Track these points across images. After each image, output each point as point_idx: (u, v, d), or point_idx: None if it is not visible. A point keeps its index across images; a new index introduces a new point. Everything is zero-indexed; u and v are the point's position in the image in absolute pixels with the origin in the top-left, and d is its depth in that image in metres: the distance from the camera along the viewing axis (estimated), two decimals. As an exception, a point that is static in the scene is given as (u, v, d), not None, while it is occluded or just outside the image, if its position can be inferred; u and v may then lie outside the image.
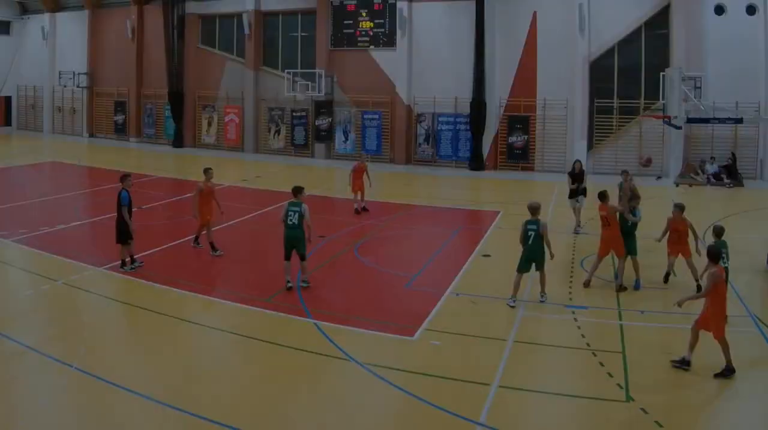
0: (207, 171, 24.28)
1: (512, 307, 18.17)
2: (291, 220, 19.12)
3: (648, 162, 21.02)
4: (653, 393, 13.25)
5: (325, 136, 53.82)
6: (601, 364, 14.44)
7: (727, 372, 13.92)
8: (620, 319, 17.39)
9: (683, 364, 14.40)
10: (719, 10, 43.85)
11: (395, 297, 19.64)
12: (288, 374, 14.29)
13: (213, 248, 23.58)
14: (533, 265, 18.88)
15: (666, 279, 20.41)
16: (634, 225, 20.13)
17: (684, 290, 18.77)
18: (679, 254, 19.91)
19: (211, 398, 12.84)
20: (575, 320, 17.32)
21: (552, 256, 19.07)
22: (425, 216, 32.30)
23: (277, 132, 55.92)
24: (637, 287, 19.83)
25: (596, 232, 22.37)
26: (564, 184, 29.63)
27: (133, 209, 21.40)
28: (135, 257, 21.54)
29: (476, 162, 48.35)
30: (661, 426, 11.84)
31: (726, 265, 16.34)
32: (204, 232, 23.86)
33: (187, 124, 59.30)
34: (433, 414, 12.38)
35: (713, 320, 14.27)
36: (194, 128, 59.60)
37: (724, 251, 16.36)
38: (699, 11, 43.96)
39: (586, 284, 20.23)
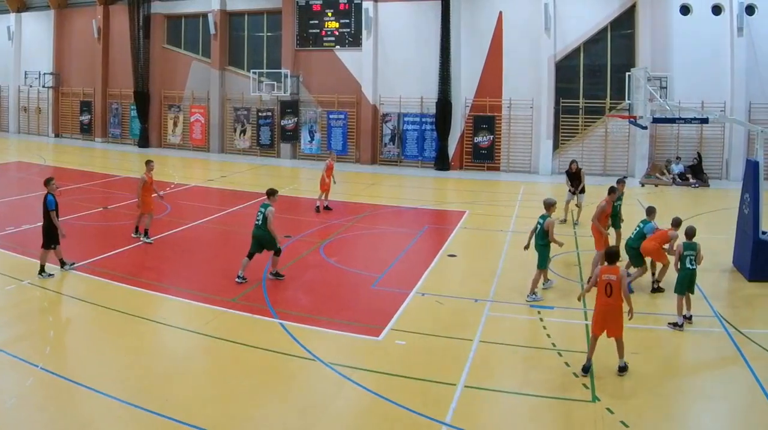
0: (148, 163, 25.27)
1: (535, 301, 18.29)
2: (257, 219, 19.59)
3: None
4: (619, 393, 13.04)
5: (291, 136, 52.36)
6: (567, 364, 14.17)
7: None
8: (586, 319, 16.77)
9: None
10: (685, 10, 42.86)
11: (361, 297, 19.23)
12: (253, 374, 13.88)
13: (146, 234, 24.35)
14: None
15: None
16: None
17: (649, 294, 18.98)
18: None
19: (177, 398, 12.53)
20: (541, 320, 17.00)
21: (560, 244, 19.46)
22: (391, 216, 31.41)
23: (243, 132, 54.18)
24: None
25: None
26: (533, 184, 30.05)
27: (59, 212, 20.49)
28: (65, 260, 20.61)
29: (442, 162, 47.14)
30: (626, 426, 11.66)
31: (693, 267, 16.44)
32: (144, 221, 24.50)
33: (152, 124, 57.60)
34: (398, 414, 12.14)
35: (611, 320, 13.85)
36: (160, 128, 57.84)
37: (693, 254, 16.45)
38: (664, 11, 42.97)
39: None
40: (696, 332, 16.14)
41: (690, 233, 16.89)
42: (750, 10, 41.54)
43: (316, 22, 51.25)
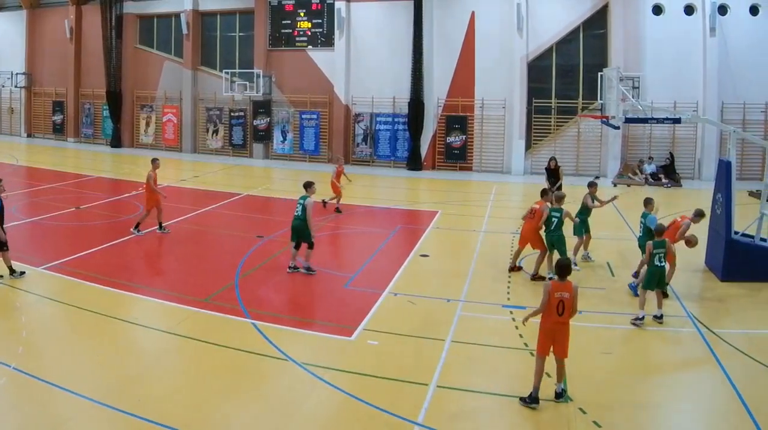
0: (154, 161, 25.34)
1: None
2: (296, 211, 19.86)
3: None
4: (592, 393, 12.72)
5: (263, 136, 50.81)
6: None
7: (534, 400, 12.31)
8: None
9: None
10: (657, 10, 42.00)
11: (333, 297, 18.72)
12: (226, 375, 13.47)
13: (137, 227, 24.70)
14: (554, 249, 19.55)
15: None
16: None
17: (622, 294, 18.72)
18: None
19: (150, 398, 12.17)
20: (513, 319, 16.56)
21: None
22: (363, 216, 30.55)
23: (215, 132, 52.65)
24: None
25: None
26: (505, 184, 29.89)
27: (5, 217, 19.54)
28: (13, 268, 19.28)
29: (414, 162, 45.98)
30: (599, 426, 11.42)
31: (662, 265, 16.36)
32: (157, 214, 24.91)
33: (125, 124, 55.72)
34: (371, 414, 11.87)
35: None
36: (132, 128, 56.05)
37: (662, 251, 16.35)
38: (637, 11, 42.08)
39: (511, 269, 20.64)
40: (668, 331, 16.01)
41: (660, 230, 16.77)
42: (722, 10, 40.72)
43: (289, 22, 49.83)
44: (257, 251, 22.66)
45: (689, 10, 41.59)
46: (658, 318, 16.28)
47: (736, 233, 20.29)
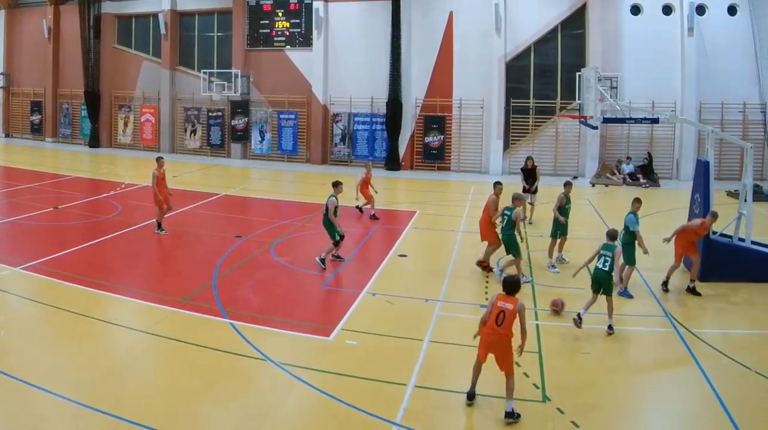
0: (159, 159, 25.44)
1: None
2: (322, 211, 20.47)
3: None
4: (569, 393, 12.56)
5: (242, 136, 49.61)
6: (517, 364, 12.92)
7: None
8: (536, 319, 16.48)
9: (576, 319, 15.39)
10: (635, 10, 41.22)
11: (312, 297, 18.51)
12: (204, 374, 13.25)
13: (159, 226, 24.78)
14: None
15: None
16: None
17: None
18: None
19: (127, 398, 12.01)
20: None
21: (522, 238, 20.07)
22: (342, 216, 28.42)
23: (193, 132, 51.31)
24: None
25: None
26: (483, 184, 29.43)
27: None
28: None
29: (392, 162, 44.81)
30: (577, 426, 11.32)
31: (605, 269, 15.79)
32: (165, 213, 24.99)
33: (103, 124, 54.21)
34: (349, 414, 11.73)
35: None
36: (110, 128, 54.49)
37: (608, 255, 15.79)
38: (615, 11, 41.30)
39: (481, 265, 20.47)
40: (647, 331, 15.98)
41: (612, 234, 16.29)
42: (700, 10, 39.97)
43: (267, 22, 48.59)
44: (235, 251, 22.31)
45: (667, 10, 40.82)
46: (578, 321, 15.70)
47: (714, 233, 19.88)
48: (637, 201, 19.54)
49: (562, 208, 21.63)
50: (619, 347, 15.00)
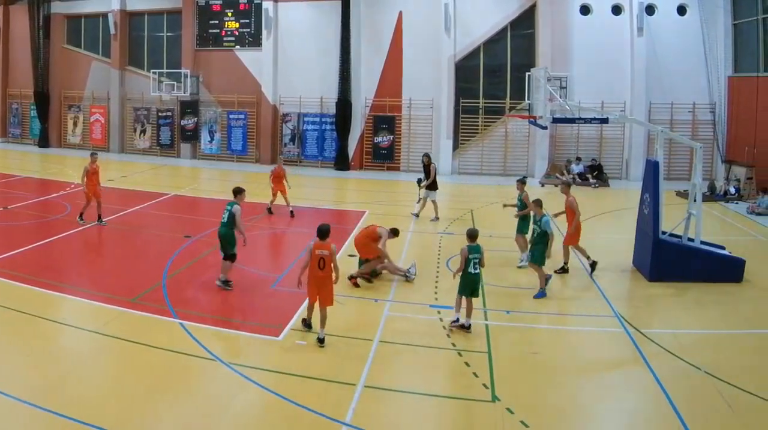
0: (92, 155, 25.67)
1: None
2: (223, 218, 17.83)
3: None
4: (519, 393, 12.09)
5: (191, 136, 46.63)
6: (467, 364, 13.28)
7: None
8: (486, 319, 15.96)
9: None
10: (585, 10, 39.39)
11: (261, 297, 17.80)
12: (154, 375, 12.67)
13: (99, 218, 24.80)
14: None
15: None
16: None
17: (550, 294, 17.80)
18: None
19: (77, 398, 11.45)
20: (441, 319, 15.82)
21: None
22: (290, 216, 28.35)
23: (143, 132, 48.32)
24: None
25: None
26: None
27: None
28: None
29: (342, 162, 42.48)
30: (527, 426, 10.89)
31: (477, 271, 15.11)
32: (90, 205, 24.74)
33: (52, 124, 51.01)
34: (298, 414, 11.27)
35: None
36: (60, 128, 51.07)
37: (477, 257, 15.02)
38: (565, 11, 39.44)
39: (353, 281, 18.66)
40: (596, 332, 15.45)
41: (472, 234, 15.37)
42: (650, 9, 38.28)
43: (216, 22, 45.75)
44: (185, 251, 21.52)
45: (617, 10, 39.12)
46: (466, 328, 15.03)
47: (663, 233, 19.45)
48: (537, 203, 18.62)
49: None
50: (569, 347, 14.49)
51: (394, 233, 19.17)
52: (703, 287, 18.51)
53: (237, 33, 45.87)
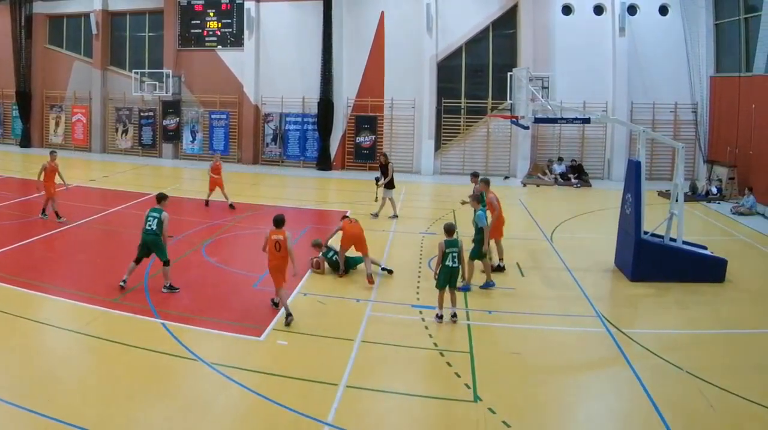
0: (51, 153, 25.74)
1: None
2: (150, 225, 17.33)
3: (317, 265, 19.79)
4: (501, 393, 11.94)
5: (173, 136, 45.58)
6: (449, 364, 13.10)
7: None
8: (468, 319, 15.78)
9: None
10: (567, 10, 38.65)
11: (243, 297, 17.54)
12: (136, 375, 12.44)
13: (57, 215, 24.78)
14: None
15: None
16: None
17: (532, 294, 17.92)
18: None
19: (59, 398, 11.26)
20: (423, 319, 15.63)
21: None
22: (273, 216, 27.35)
23: (125, 132, 47.19)
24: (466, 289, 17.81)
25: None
26: (415, 184, 29.48)
27: None
28: None
29: (324, 162, 41.61)
30: (508, 426, 10.75)
31: (455, 265, 15.22)
32: (49, 204, 24.85)
33: (34, 124, 49.78)
34: (280, 414, 11.10)
35: None
36: (42, 128, 49.74)
37: (455, 250, 15.12)
38: (546, 11, 38.71)
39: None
40: (578, 331, 15.18)
41: (450, 229, 15.45)
42: (632, 10, 37.58)
43: (198, 22, 44.70)
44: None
45: (599, 10, 38.37)
46: (452, 316, 15.33)
47: (645, 233, 19.21)
48: (476, 199, 18.52)
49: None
50: (551, 347, 14.28)
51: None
52: (685, 287, 18.26)
53: (219, 33, 44.91)
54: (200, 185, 33.92)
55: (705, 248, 20.03)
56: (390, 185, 26.63)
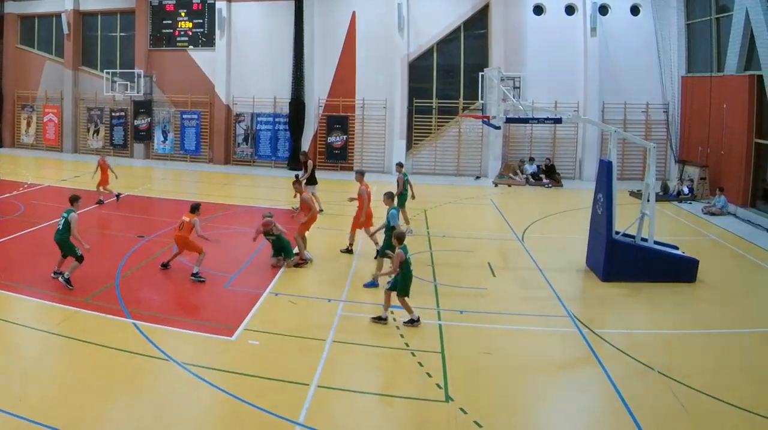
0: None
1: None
2: (59, 225, 17.54)
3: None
4: (472, 393, 11.74)
5: (144, 136, 44.04)
6: (420, 364, 12.85)
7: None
8: (439, 319, 15.50)
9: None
10: (538, 10, 37.55)
11: (214, 297, 17.25)
12: (107, 375, 12.17)
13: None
14: None
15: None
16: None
17: (503, 294, 17.55)
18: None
19: (30, 398, 11.02)
20: (394, 320, 15.18)
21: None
22: (244, 216, 27.96)
23: (96, 132, 45.63)
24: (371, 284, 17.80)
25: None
26: (386, 184, 28.02)
27: None
28: None
29: (295, 162, 39.56)
30: (480, 426, 10.51)
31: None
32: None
33: (5, 124, 48.16)
34: (252, 414, 10.84)
35: None
36: (13, 128, 48.19)
37: (410, 256, 15.00)
38: (518, 11, 37.64)
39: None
40: (549, 331, 14.92)
41: (402, 236, 15.21)
42: (603, 10, 36.57)
43: (170, 22, 43.23)
44: (138, 251, 20.96)
45: (570, 10, 37.31)
46: (416, 321, 15.05)
47: (617, 233, 18.89)
48: (389, 197, 19.23)
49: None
50: (522, 347, 14.11)
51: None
52: (657, 287, 18.01)
53: (190, 33, 43.46)
54: (171, 185, 33.63)
55: (676, 248, 19.66)
56: (312, 181, 27.06)
